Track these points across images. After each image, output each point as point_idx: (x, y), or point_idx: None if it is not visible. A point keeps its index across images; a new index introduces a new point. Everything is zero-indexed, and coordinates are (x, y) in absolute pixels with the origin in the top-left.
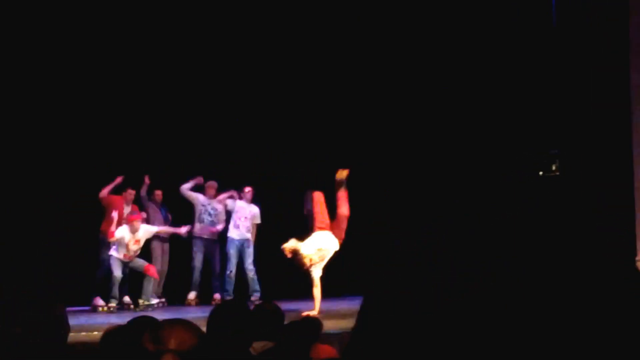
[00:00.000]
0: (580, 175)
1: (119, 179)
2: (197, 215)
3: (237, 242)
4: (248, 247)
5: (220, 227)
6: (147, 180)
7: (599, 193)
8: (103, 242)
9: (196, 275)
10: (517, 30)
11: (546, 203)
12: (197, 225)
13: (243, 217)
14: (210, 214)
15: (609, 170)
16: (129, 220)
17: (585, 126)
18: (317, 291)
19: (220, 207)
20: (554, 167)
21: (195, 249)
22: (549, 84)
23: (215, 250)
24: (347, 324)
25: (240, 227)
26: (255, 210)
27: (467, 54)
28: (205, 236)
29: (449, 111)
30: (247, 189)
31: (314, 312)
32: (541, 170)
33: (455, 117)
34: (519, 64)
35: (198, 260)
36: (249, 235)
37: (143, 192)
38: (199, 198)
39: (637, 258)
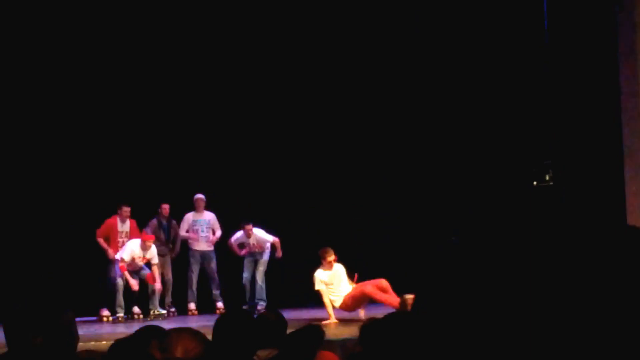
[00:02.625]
0: (573, 184)
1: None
2: (190, 233)
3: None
4: (260, 258)
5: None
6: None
7: (592, 202)
8: (111, 261)
9: (192, 286)
10: (510, 44)
11: (540, 213)
12: (193, 241)
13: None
14: (203, 230)
15: (601, 179)
16: (143, 239)
17: (578, 136)
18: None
19: (211, 217)
20: (547, 177)
21: (192, 260)
22: (542, 96)
23: (211, 260)
24: (349, 331)
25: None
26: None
27: (462, 67)
28: (201, 248)
29: (443, 123)
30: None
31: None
32: (535, 181)
33: (449, 128)
34: (511, 77)
35: (194, 271)
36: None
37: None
38: (186, 220)
39: None
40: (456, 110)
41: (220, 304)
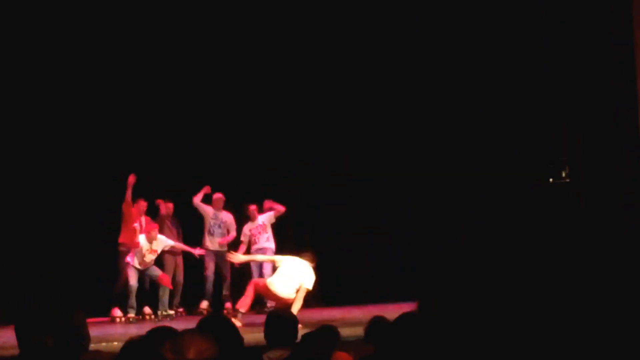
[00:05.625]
0: (590, 181)
1: (131, 179)
2: (207, 228)
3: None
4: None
5: (230, 237)
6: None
7: (609, 199)
8: (123, 255)
9: (209, 284)
10: (525, 39)
11: (557, 210)
12: (208, 238)
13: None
14: (219, 226)
15: (619, 176)
16: (146, 230)
17: (595, 132)
18: None
19: (228, 218)
20: (564, 174)
21: (207, 259)
22: (557, 92)
23: (225, 260)
24: (363, 331)
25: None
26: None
27: (475, 62)
28: (215, 248)
29: (456, 119)
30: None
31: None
32: (551, 178)
33: (464, 125)
34: (526, 73)
35: (210, 270)
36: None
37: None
38: (208, 211)
39: None
40: (471, 107)
41: (229, 304)
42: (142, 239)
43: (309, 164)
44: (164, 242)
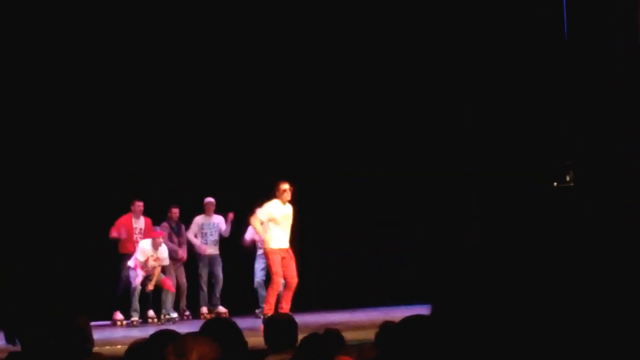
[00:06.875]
0: (595, 185)
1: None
2: (199, 238)
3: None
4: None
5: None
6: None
7: (613, 203)
8: (125, 257)
9: (202, 292)
10: (530, 43)
11: (561, 214)
12: (200, 245)
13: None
14: (211, 234)
15: (622, 180)
16: (153, 236)
17: (599, 136)
18: None
19: (220, 221)
20: (568, 178)
21: (200, 264)
22: (562, 95)
23: (218, 264)
24: (366, 334)
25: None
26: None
27: (481, 67)
28: (209, 252)
29: (458, 121)
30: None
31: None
32: (555, 181)
33: (465, 127)
34: (531, 76)
35: (204, 277)
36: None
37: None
38: (198, 224)
39: None
40: (475, 110)
41: (222, 308)
42: (147, 244)
43: (309, 164)
44: (165, 252)
